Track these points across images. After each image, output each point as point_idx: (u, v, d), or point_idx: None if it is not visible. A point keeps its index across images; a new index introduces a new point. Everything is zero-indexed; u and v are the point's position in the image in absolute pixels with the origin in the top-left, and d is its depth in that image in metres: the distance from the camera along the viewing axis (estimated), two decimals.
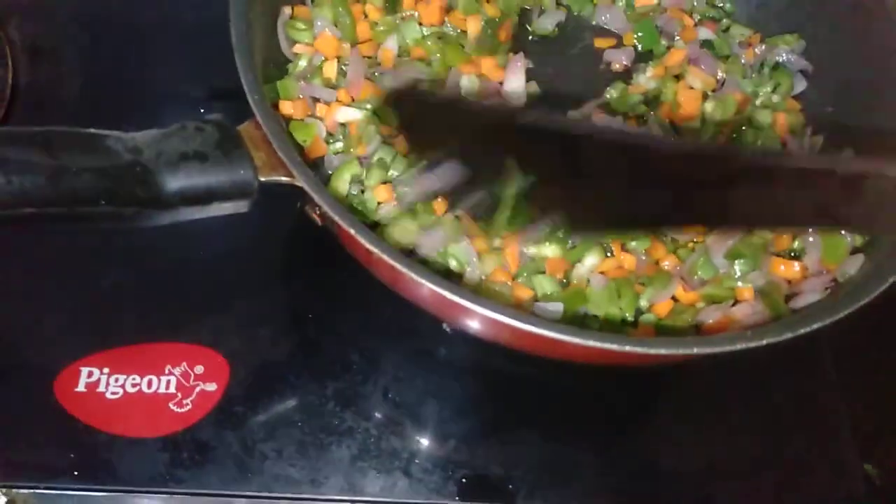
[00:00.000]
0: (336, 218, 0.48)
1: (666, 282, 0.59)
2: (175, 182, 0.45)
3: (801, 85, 0.74)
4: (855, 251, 0.61)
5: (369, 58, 0.69)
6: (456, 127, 0.56)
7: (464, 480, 0.62)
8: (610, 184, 0.54)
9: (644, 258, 0.62)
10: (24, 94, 0.75)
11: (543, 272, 0.60)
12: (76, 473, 0.59)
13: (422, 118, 0.59)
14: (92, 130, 0.44)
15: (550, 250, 0.62)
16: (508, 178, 0.53)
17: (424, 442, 0.63)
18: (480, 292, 0.57)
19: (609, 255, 0.62)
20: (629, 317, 0.59)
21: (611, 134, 0.62)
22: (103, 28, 0.81)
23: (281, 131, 0.51)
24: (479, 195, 0.55)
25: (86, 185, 0.41)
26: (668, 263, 0.62)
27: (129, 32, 0.81)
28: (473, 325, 0.53)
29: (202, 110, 0.78)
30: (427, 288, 0.47)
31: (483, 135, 0.56)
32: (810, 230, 0.62)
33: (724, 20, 0.79)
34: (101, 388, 0.62)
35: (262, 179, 0.49)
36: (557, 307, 0.58)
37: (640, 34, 0.77)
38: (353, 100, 0.66)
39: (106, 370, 0.63)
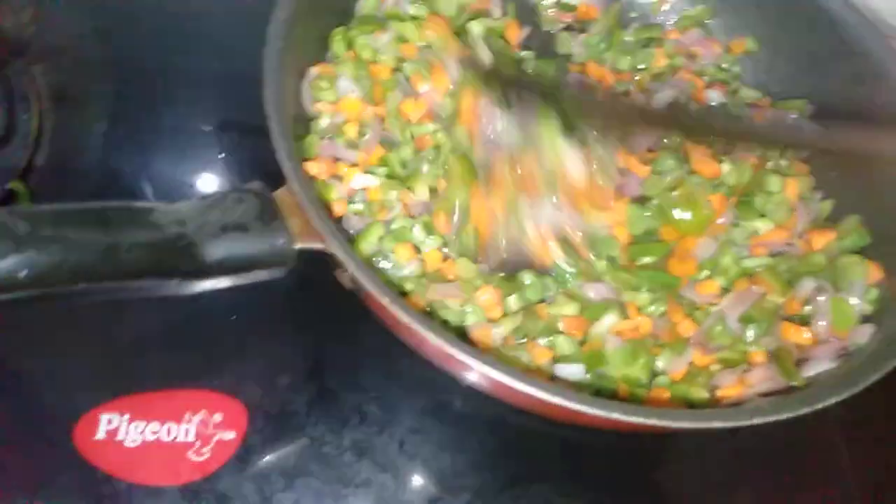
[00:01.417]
0: (370, 289, 0.49)
1: (682, 349, 0.61)
2: (217, 253, 0.46)
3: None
4: (865, 320, 0.63)
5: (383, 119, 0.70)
6: None
7: None
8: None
9: (660, 321, 0.63)
10: (50, 138, 0.75)
11: (561, 332, 0.62)
12: None
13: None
14: (139, 204, 0.45)
15: (569, 308, 0.63)
16: None
17: (439, 494, 0.64)
18: (499, 355, 0.58)
19: (626, 317, 0.64)
20: (644, 379, 0.61)
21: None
22: (129, 72, 0.82)
23: (315, 199, 0.52)
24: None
25: (136, 260, 0.42)
26: (684, 327, 0.63)
27: (154, 76, 0.82)
28: (492, 389, 0.55)
29: (221, 154, 0.79)
30: (449, 353, 0.49)
31: None
32: (819, 297, 0.64)
33: (733, 83, 0.81)
34: (121, 436, 0.62)
35: (298, 247, 0.50)
36: (579, 369, 0.59)
37: None
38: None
39: (126, 417, 0.63)
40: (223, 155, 0.79)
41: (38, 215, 0.40)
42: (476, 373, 0.51)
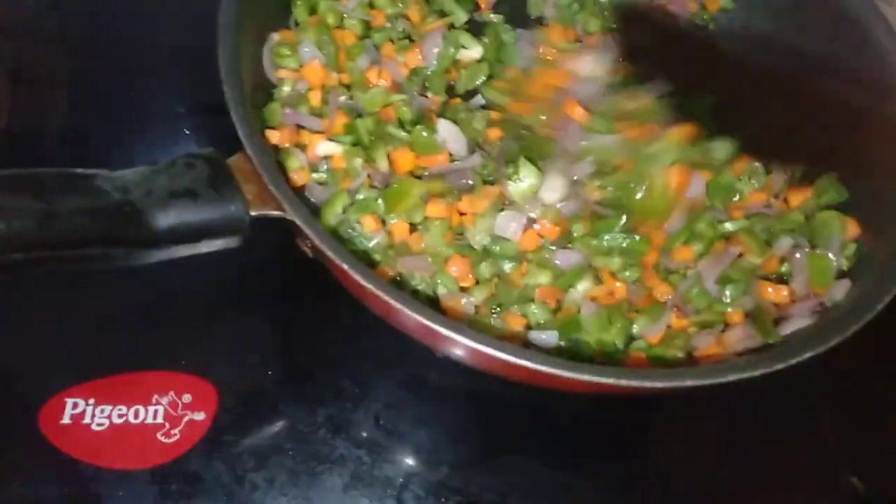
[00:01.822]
0: (329, 253, 0.47)
1: (659, 313, 0.60)
2: (165, 220, 0.44)
3: None
4: (841, 275, 0.62)
5: (346, 87, 0.68)
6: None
7: None
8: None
9: (635, 287, 0.62)
10: (9, 119, 0.73)
11: (534, 301, 0.61)
12: None
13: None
14: (80, 171, 0.43)
15: (543, 278, 0.62)
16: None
17: (417, 469, 0.63)
18: (474, 323, 0.57)
19: (600, 282, 0.62)
20: (619, 344, 0.59)
21: None
22: (88, 49, 0.79)
23: (272, 164, 0.50)
24: None
25: (76, 228, 0.40)
26: (660, 292, 0.62)
27: (116, 53, 0.79)
28: (468, 358, 0.53)
29: (186, 131, 0.77)
30: (421, 323, 0.47)
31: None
32: (797, 255, 0.63)
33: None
34: (87, 420, 0.61)
35: (254, 214, 0.49)
36: (552, 336, 0.58)
37: None
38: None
39: (91, 401, 0.62)
40: (188, 132, 0.77)
41: None
42: (446, 340, 0.50)
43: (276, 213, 0.49)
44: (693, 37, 0.79)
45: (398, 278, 0.60)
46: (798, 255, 0.63)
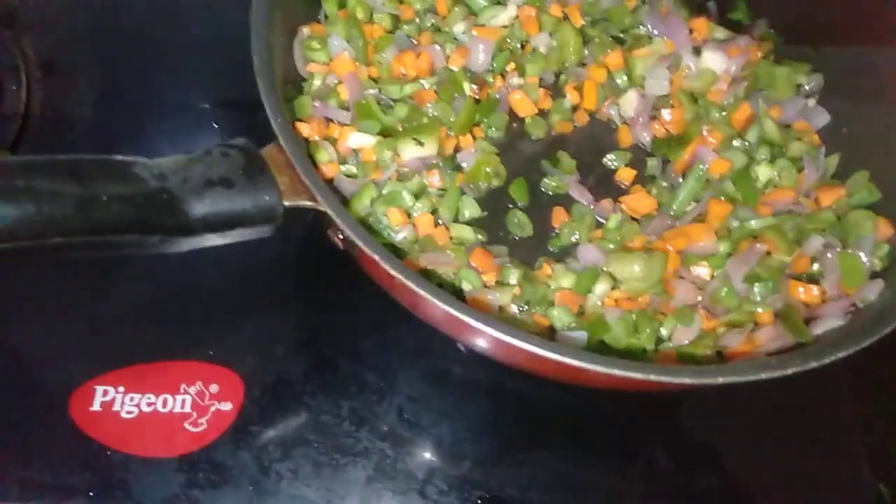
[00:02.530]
0: (360, 244, 0.48)
1: (689, 317, 0.59)
2: (201, 208, 0.45)
3: (822, 118, 0.73)
4: (874, 276, 0.61)
5: (374, 80, 0.69)
6: None
7: (479, 502, 0.61)
8: None
9: (658, 297, 0.62)
10: (40, 110, 0.74)
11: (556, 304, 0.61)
12: (91, 494, 0.59)
13: None
14: (119, 157, 0.43)
15: (567, 280, 0.62)
16: None
17: (440, 463, 0.63)
18: (502, 319, 0.57)
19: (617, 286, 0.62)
20: (650, 347, 0.59)
21: None
22: (117, 42, 0.81)
23: (304, 155, 0.50)
24: None
25: (114, 214, 0.40)
26: (683, 294, 0.61)
27: (144, 46, 0.81)
28: (495, 350, 0.53)
29: (214, 124, 0.78)
30: (450, 314, 0.47)
31: None
32: (828, 254, 0.62)
33: None
34: (117, 408, 0.62)
35: (287, 204, 0.49)
36: (582, 336, 0.57)
37: None
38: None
39: (121, 389, 0.63)
40: (216, 125, 0.78)
41: (6, 166, 0.38)
42: (474, 332, 0.50)
43: (308, 203, 0.50)
44: None
45: (426, 271, 0.60)
46: (829, 255, 0.62)
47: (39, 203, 0.37)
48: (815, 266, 0.63)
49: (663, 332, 0.60)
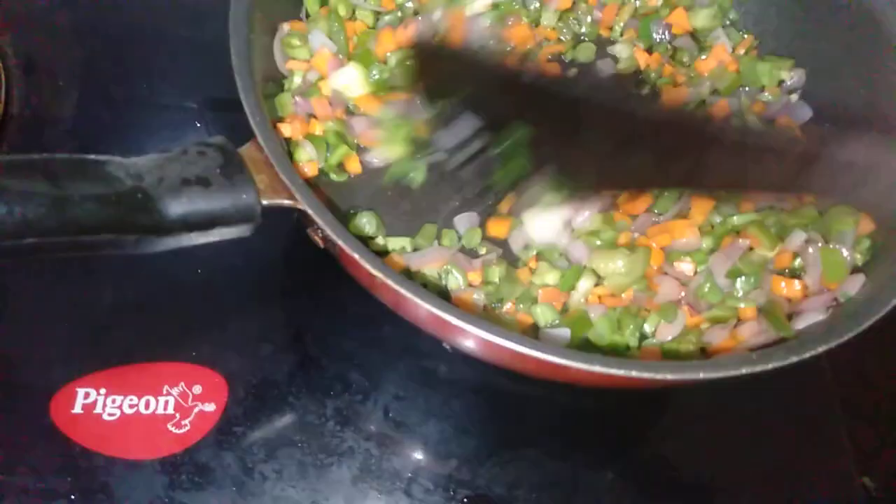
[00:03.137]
0: (340, 243, 0.47)
1: (672, 314, 0.59)
2: (177, 208, 0.44)
3: (805, 113, 0.74)
4: (856, 271, 0.61)
5: None
6: (466, 78, 0.59)
7: (465, 501, 0.61)
8: (601, 144, 0.57)
9: (641, 293, 0.62)
10: (20, 109, 0.74)
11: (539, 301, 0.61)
12: (73, 497, 0.58)
13: (437, 69, 0.60)
14: (93, 157, 0.43)
15: (550, 278, 0.62)
16: (511, 130, 0.56)
17: (425, 462, 0.63)
18: (484, 317, 0.57)
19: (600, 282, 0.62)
20: (633, 344, 0.59)
21: (605, 93, 0.66)
22: (100, 41, 0.80)
23: (283, 153, 0.50)
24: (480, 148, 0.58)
25: (88, 214, 0.40)
26: (667, 290, 0.61)
27: (127, 45, 0.80)
28: (477, 348, 0.53)
29: (198, 124, 0.77)
30: (431, 313, 0.47)
31: (490, 87, 0.59)
32: (809, 249, 0.62)
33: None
34: (98, 410, 0.61)
35: (265, 203, 0.49)
36: (565, 332, 0.57)
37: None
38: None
39: (102, 391, 0.62)
40: (199, 124, 0.77)
41: None
42: (454, 331, 0.50)
43: (287, 202, 0.49)
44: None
45: (408, 272, 0.60)
46: (811, 250, 0.62)
47: (11, 203, 0.37)
48: (797, 262, 0.63)
49: (647, 328, 0.60)
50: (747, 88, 0.75)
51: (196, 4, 0.82)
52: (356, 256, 0.47)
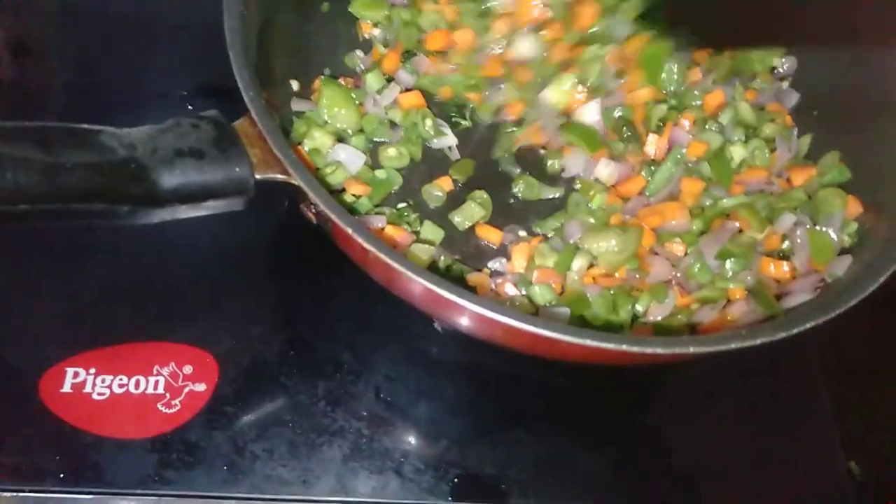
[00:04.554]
0: (334, 217, 0.47)
1: (663, 293, 0.60)
2: (170, 179, 0.44)
3: (792, 99, 0.74)
4: (843, 252, 0.62)
5: None
6: None
7: (456, 480, 0.62)
8: None
9: (633, 272, 0.62)
10: (8, 92, 0.73)
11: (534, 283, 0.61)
12: (62, 476, 0.58)
13: None
14: (86, 126, 0.43)
15: (550, 260, 0.62)
16: None
17: (416, 442, 0.63)
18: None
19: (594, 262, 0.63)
20: (627, 322, 0.60)
21: None
22: (88, 23, 0.79)
23: (276, 128, 0.50)
24: None
25: (80, 182, 0.40)
26: (659, 270, 0.62)
27: (115, 28, 0.79)
28: (469, 324, 0.53)
29: (190, 107, 0.77)
30: (424, 287, 0.47)
31: None
32: (798, 231, 0.63)
33: None
34: (88, 389, 0.61)
35: (258, 177, 0.48)
36: (564, 312, 0.58)
37: None
38: None
39: (92, 370, 0.62)
40: (191, 107, 0.77)
41: None
42: (449, 307, 0.50)
43: (280, 176, 0.49)
44: None
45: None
46: (799, 232, 0.63)
47: (4, 169, 0.37)
48: (786, 244, 0.64)
49: (639, 308, 0.61)
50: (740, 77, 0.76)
51: None
52: (349, 230, 0.47)
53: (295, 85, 0.69)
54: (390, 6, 0.74)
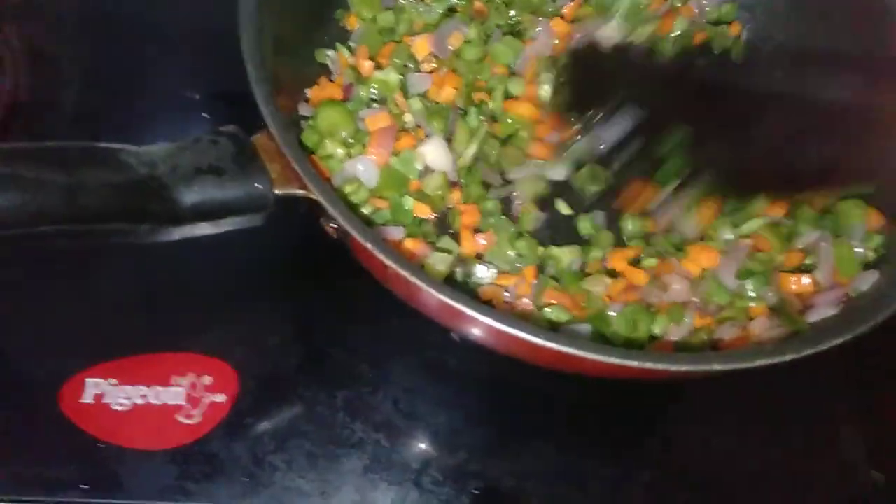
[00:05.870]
0: (353, 233, 0.47)
1: (680, 315, 0.59)
2: (190, 196, 0.44)
3: None
4: (867, 267, 0.61)
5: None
6: (620, 79, 0.57)
7: (475, 492, 0.61)
8: (765, 140, 0.53)
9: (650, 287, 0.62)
10: (25, 99, 0.73)
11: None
12: (83, 487, 0.58)
13: (590, 71, 0.59)
14: (105, 145, 0.43)
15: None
16: (670, 131, 0.54)
17: (435, 453, 0.63)
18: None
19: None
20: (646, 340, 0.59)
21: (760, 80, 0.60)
22: (105, 32, 0.79)
23: (295, 142, 0.50)
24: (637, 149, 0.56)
25: (101, 202, 0.40)
26: (679, 288, 0.61)
27: (133, 34, 0.79)
28: (490, 339, 0.53)
29: (205, 114, 0.77)
30: (447, 304, 0.47)
31: (645, 87, 0.57)
32: (821, 244, 0.62)
33: None
34: (108, 400, 0.61)
35: (278, 192, 0.48)
36: (585, 328, 0.57)
37: None
38: None
39: (112, 381, 0.62)
40: (207, 115, 0.77)
41: None
42: (469, 322, 0.49)
43: (300, 191, 0.49)
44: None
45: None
46: (823, 245, 0.62)
47: (25, 191, 0.37)
48: (808, 261, 0.63)
49: (656, 330, 0.60)
50: None
51: None
52: (369, 246, 0.47)
53: (308, 93, 0.69)
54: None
